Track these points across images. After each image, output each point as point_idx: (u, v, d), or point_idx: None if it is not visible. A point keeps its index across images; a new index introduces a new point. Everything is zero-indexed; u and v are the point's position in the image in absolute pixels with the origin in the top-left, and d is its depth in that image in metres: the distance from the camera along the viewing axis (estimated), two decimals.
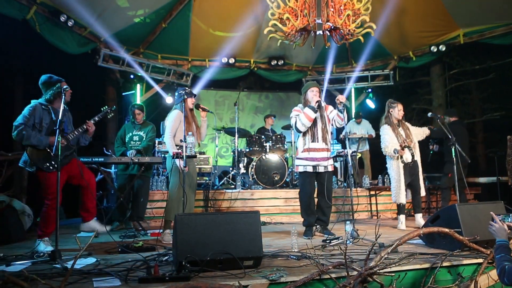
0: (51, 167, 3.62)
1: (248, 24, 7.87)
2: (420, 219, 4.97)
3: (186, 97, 4.42)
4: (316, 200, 4.51)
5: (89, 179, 3.90)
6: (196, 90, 9.38)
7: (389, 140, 4.93)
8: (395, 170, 4.96)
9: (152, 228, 5.29)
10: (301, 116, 4.32)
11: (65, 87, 3.60)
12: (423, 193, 5.06)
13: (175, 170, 4.22)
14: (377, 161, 8.35)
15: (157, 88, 8.13)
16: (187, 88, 4.58)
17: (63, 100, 3.45)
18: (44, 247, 3.57)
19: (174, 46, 8.16)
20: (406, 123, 5.14)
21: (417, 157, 5.03)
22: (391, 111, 5.02)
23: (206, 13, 7.56)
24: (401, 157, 4.91)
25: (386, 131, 4.99)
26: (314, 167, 4.33)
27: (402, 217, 4.96)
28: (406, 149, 4.92)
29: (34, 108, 3.63)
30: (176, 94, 4.55)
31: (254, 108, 10.26)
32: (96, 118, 4.01)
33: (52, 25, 6.17)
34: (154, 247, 3.54)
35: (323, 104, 4.44)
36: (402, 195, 4.92)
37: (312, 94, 4.38)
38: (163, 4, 7.18)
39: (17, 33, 7.83)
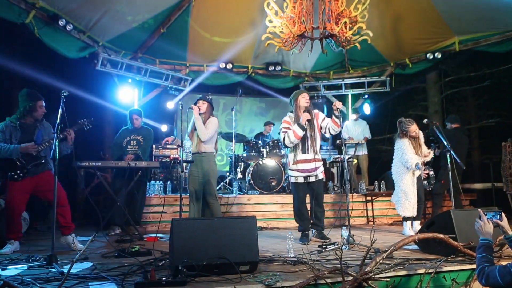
0: (15, 176, 3.80)
1: (246, 30, 7.92)
2: (417, 225, 5.00)
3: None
4: (309, 206, 4.54)
5: (58, 197, 3.89)
6: (193, 95, 9.43)
7: (410, 154, 4.85)
8: (406, 184, 4.88)
9: (149, 232, 5.29)
10: (289, 133, 4.33)
11: (37, 103, 3.88)
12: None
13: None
14: (374, 166, 8.40)
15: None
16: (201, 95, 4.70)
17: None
18: (9, 249, 3.75)
19: (172, 51, 8.19)
20: (422, 136, 5.06)
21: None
22: (408, 131, 4.94)
23: (205, 18, 7.60)
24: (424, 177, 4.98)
25: (405, 145, 4.91)
26: (305, 177, 4.40)
27: (408, 222, 4.98)
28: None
29: (3, 126, 3.90)
30: None
31: (252, 113, 10.29)
32: (74, 128, 4.02)
33: (51, 29, 6.18)
34: (151, 252, 3.54)
35: (313, 113, 4.47)
36: (409, 208, 4.87)
37: (304, 100, 4.39)
38: (162, 9, 7.21)
39: (16, 37, 7.86)
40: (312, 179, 4.41)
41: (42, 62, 7.69)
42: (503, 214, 2.64)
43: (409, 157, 4.82)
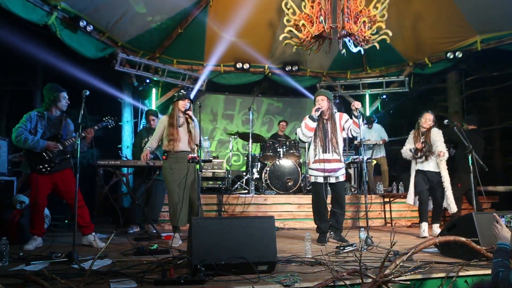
0: (43, 169, 3.89)
1: (263, 30, 7.91)
2: (436, 228, 4.92)
3: (175, 99, 4.32)
4: (329, 207, 4.50)
5: (73, 196, 3.91)
6: (210, 94, 9.48)
7: (407, 145, 5.13)
8: (411, 171, 5.10)
9: (166, 231, 5.33)
10: (301, 125, 4.36)
11: (60, 94, 3.97)
12: (453, 209, 4.93)
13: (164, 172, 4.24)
14: (393, 168, 8.27)
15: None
16: (182, 91, 4.45)
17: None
18: (33, 245, 3.84)
19: (190, 51, 8.25)
20: (435, 132, 5.02)
21: (441, 169, 4.94)
22: (419, 120, 5.11)
23: (222, 18, 7.63)
24: (417, 155, 4.96)
25: (410, 136, 5.18)
26: (325, 177, 4.34)
27: (424, 224, 4.89)
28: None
29: (30, 115, 3.98)
30: None
31: (269, 113, 10.26)
32: (96, 127, 4.09)
33: (71, 30, 6.31)
34: (169, 250, 3.58)
35: (337, 113, 4.42)
36: (409, 196, 5.08)
37: (318, 103, 4.36)
38: (180, 10, 7.28)
39: (38, 38, 8.05)
40: (333, 180, 4.36)
41: (62, 61, 7.85)
42: None
43: (404, 148, 5.11)
